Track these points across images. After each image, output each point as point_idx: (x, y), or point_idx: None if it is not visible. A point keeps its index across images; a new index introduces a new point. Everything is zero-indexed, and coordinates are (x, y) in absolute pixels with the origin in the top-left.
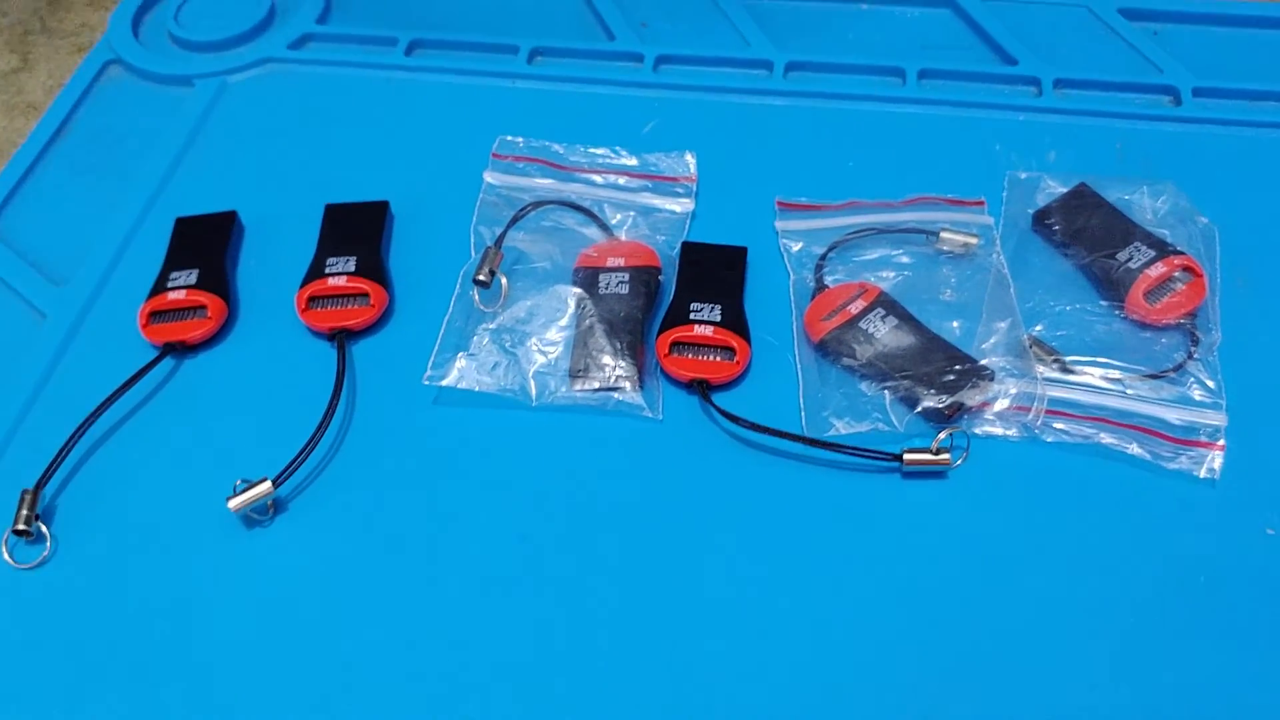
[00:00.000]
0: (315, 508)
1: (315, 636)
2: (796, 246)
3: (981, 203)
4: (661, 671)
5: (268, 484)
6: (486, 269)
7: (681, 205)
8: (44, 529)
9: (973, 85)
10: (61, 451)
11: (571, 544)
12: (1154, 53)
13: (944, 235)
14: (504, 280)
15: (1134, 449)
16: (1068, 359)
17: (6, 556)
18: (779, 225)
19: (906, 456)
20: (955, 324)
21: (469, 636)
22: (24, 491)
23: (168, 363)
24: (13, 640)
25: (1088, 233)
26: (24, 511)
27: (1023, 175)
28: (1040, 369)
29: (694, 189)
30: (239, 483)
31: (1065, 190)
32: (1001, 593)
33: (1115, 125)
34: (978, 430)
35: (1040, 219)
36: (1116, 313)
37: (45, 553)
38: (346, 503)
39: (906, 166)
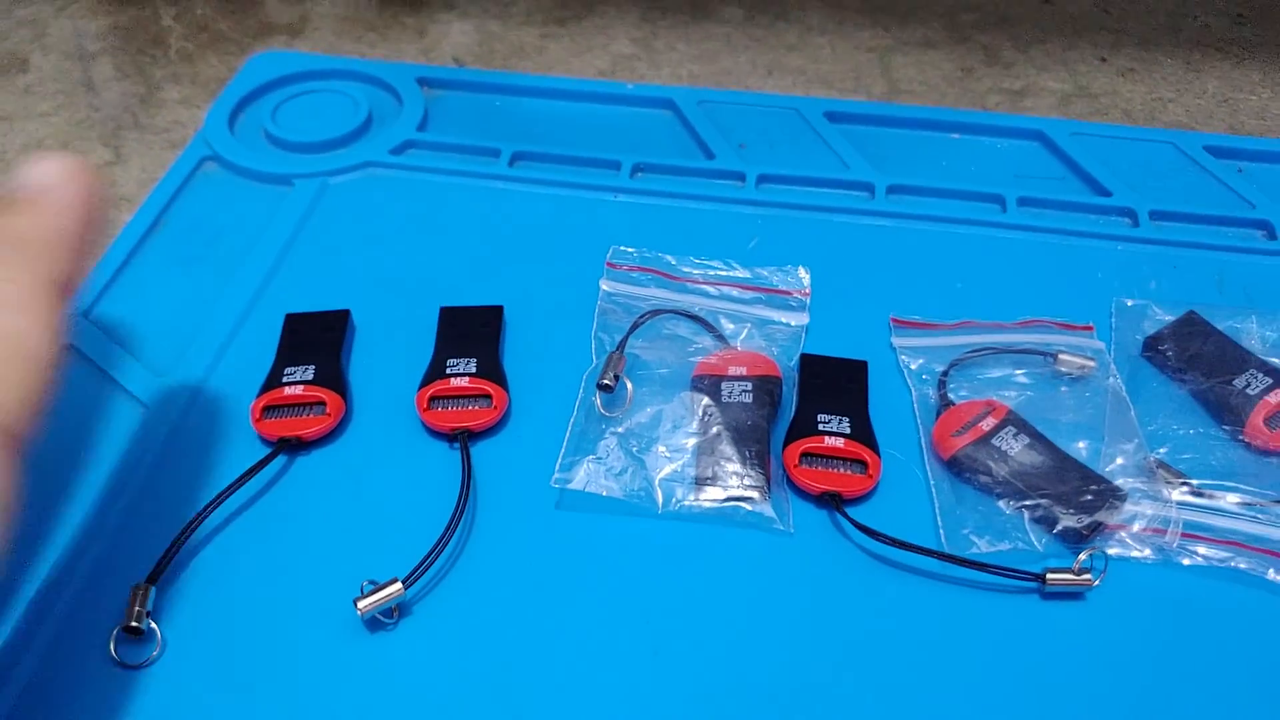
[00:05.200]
0: (440, 611)
1: None
2: (916, 364)
3: (1090, 328)
4: None
5: (398, 585)
6: (611, 373)
7: (796, 318)
8: (155, 627)
9: (1071, 214)
10: (173, 546)
11: (703, 659)
12: (1244, 188)
13: (1062, 357)
14: (629, 385)
15: (1272, 574)
16: (1195, 483)
17: (114, 655)
18: (896, 342)
19: (1050, 577)
20: (1081, 444)
21: None
22: (135, 587)
23: (280, 459)
24: None
25: (1202, 359)
26: (136, 608)
27: (1129, 303)
28: (1169, 492)
29: (807, 303)
30: (365, 583)
31: (1172, 318)
32: (1142, 717)
33: (1213, 257)
34: (1111, 550)
35: (1152, 344)
36: (1238, 439)
37: (155, 652)
38: (472, 607)
39: (1012, 290)
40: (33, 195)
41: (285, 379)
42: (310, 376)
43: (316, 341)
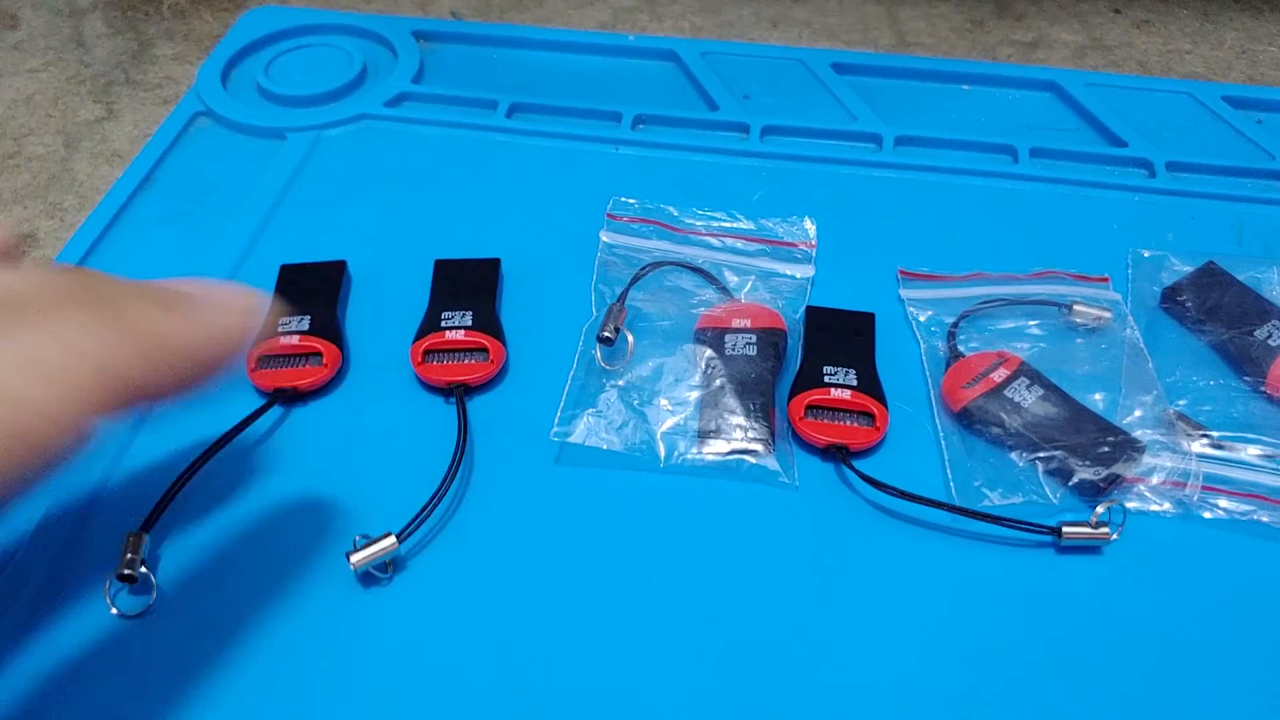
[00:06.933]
0: (436, 567)
1: (438, 703)
2: (924, 315)
3: (1106, 279)
4: None
5: (392, 539)
6: (611, 325)
7: (801, 270)
8: (150, 576)
9: (1085, 165)
10: (167, 495)
11: (706, 616)
12: (1263, 139)
13: (1077, 308)
14: (630, 337)
15: None
16: (1215, 435)
17: (109, 603)
18: (904, 294)
19: (1066, 530)
20: (1098, 396)
21: (593, 707)
22: (129, 535)
23: (275, 409)
24: (115, 697)
25: (1222, 309)
26: (129, 555)
27: (1146, 254)
28: (1188, 444)
29: (813, 254)
30: (358, 538)
31: (1191, 269)
32: (1161, 672)
33: (1231, 208)
34: (1129, 504)
35: (1171, 295)
36: (1259, 390)
37: (151, 602)
38: (468, 562)
39: (1025, 241)
40: (189, 302)
41: (281, 328)
42: (306, 326)
43: (312, 292)
